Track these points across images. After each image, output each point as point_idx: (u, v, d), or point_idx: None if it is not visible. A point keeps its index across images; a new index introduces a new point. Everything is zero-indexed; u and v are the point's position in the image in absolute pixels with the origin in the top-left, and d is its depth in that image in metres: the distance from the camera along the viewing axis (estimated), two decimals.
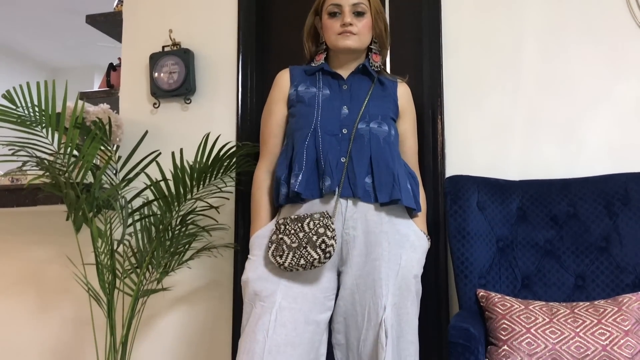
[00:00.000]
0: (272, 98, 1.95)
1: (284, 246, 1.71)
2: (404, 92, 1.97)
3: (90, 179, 2.34)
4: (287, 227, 1.73)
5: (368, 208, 1.77)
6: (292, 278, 1.74)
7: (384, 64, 2.01)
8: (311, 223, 1.71)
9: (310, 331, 1.71)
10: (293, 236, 1.71)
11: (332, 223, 1.71)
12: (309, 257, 1.68)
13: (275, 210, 1.89)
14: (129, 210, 2.34)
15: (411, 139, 1.98)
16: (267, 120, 1.94)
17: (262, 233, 1.82)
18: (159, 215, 2.34)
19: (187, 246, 2.41)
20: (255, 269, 1.77)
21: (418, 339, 1.81)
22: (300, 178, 1.75)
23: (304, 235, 1.70)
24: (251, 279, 1.76)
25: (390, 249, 1.76)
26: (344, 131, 1.80)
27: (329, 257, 1.69)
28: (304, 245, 1.69)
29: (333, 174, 1.74)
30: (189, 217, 2.40)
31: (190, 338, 2.57)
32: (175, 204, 2.31)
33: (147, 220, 2.37)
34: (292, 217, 1.75)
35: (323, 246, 1.67)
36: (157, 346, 2.60)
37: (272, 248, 1.73)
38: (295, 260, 1.68)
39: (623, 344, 1.76)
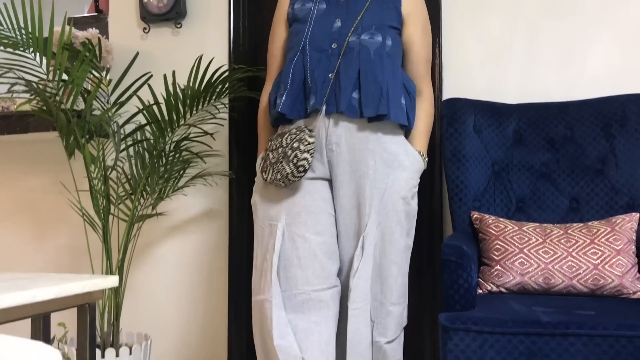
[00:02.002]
0: (274, 19, 1.93)
1: (267, 162, 1.71)
2: None
3: (81, 105, 2.31)
4: (272, 143, 1.73)
5: (352, 124, 1.73)
6: (292, 194, 1.73)
7: None
8: (288, 138, 1.69)
9: (321, 242, 1.70)
10: (275, 152, 1.70)
11: (310, 137, 1.66)
12: (283, 172, 1.66)
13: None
14: (122, 136, 2.31)
15: (418, 46, 1.84)
16: (270, 43, 1.94)
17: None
18: (152, 141, 2.32)
19: (181, 172, 2.40)
20: (261, 190, 1.78)
21: (406, 261, 1.79)
22: (284, 98, 1.72)
23: (282, 150, 1.68)
24: (257, 201, 1.78)
25: (377, 168, 1.73)
26: (334, 46, 1.74)
27: (303, 171, 1.65)
28: (280, 160, 1.67)
29: (318, 91, 1.70)
30: (182, 144, 2.37)
31: (186, 265, 2.59)
32: (169, 129, 2.28)
33: (140, 145, 2.35)
34: (278, 133, 1.75)
35: (295, 160, 1.64)
36: (154, 272, 2.62)
37: (262, 165, 1.74)
38: (273, 175, 1.68)
39: (614, 263, 1.78)
